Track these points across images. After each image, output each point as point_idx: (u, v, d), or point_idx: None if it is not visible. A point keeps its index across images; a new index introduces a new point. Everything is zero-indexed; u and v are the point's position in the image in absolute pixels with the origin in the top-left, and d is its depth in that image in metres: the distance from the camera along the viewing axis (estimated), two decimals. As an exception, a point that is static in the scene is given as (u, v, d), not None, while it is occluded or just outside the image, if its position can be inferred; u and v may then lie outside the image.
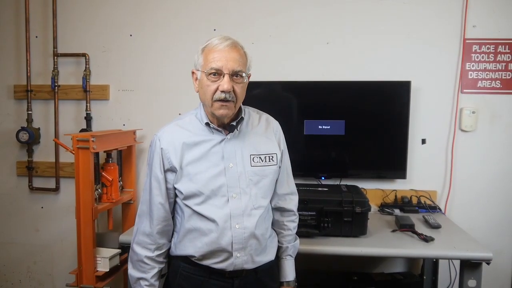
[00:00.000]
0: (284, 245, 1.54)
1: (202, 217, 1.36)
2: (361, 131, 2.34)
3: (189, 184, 1.36)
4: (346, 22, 2.38)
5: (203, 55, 1.35)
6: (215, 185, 1.36)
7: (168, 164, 1.38)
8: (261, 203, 1.41)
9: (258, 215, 1.39)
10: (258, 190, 1.41)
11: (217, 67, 1.31)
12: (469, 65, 2.35)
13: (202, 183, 1.35)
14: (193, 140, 1.38)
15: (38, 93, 2.58)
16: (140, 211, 1.45)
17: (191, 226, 1.38)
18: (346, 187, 2.07)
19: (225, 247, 1.35)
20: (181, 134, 1.39)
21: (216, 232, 1.35)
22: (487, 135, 2.36)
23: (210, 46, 1.35)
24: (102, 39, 2.54)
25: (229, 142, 1.40)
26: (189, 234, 1.39)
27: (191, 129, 1.41)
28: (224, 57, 1.32)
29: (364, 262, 2.46)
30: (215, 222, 1.35)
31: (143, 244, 1.42)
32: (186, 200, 1.38)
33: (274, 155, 1.45)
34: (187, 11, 2.47)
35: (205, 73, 1.33)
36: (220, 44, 1.34)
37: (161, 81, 2.52)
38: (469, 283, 1.74)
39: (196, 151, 1.37)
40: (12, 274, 2.75)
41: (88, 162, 1.94)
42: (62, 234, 2.65)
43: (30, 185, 2.64)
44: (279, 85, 2.37)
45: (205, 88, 1.34)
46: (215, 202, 1.36)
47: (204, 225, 1.36)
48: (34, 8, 2.55)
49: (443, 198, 2.39)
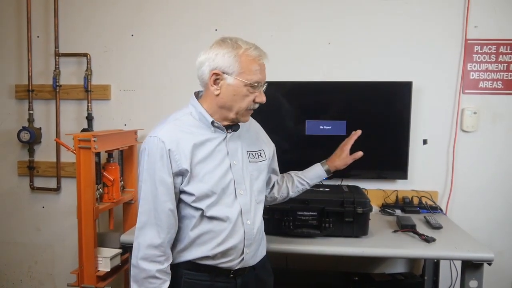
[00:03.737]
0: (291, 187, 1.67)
1: (212, 219, 1.34)
2: (363, 132, 2.33)
3: (201, 185, 1.33)
4: (348, 22, 2.38)
5: (241, 62, 1.31)
6: (225, 183, 1.36)
7: (177, 167, 1.31)
8: (261, 197, 1.48)
9: (261, 209, 1.46)
10: (258, 185, 1.46)
11: (259, 80, 1.34)
12: (470, 65, 2.34)
13: (213, 182, 1.34)
14: (200, 140, 1.35)
15: (40, 93, 2.59)
16: (141, 223, 1.33)
17: (200, 231, 1.35)
18: (348, 187, 2.06)
19: (238, 245, 1.37)
20: (186, 134, 1.34)
21: (229, 230, 1.35)
22: (489, 135, 2.35)
23: (251, 56, 1.32)
24: (103, 39, 2.55)
25: (231, 139, 1.41)
26: (198, 239, 1.35)
27: (193, 129, 1.36)
28: (263, 71, 1.36)
29: (365, 262, 2.45)
30: (228, 220, 1.35)
31: (152, 258, 1.31)
32: (197, 203, 1.33)
33: (262, 151, 1.51)
34: (189, 11, 2.47)
35: (244, 83, 1.31)
36: (261, 58, 1.35)
37: (162, 81, 2.52)
38: (471, 284, 1.73)
39: (204, 151, 1.35)
40: (13, 274, 2.75)
41: (90, 162, 1.94)
42: (63, 234, 2.65)
43: (31, 185, 2.64)
44: (280, 85, 2.37)
45: (241, 97, 1.33)
46: (225, 201, 1.36)
47: (215, 226, 1.35)
48: (35, 8, 2.55)
49: (444, 198, 2.39)
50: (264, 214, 1.84)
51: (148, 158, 1.32)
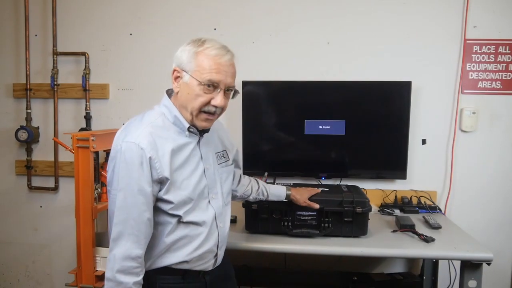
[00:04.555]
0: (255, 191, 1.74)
1: (188, 224, 1.32)
2: (362, 131, 2.34)
3: (179, 192, 1.28)
4: (347, 22, 2.38)
5: (197, 59, 1.25)
6: (200, 188, 1.34)
7: (156, 174, 1.24)
8: (229, 198, 1.51)
9: (229, 211, 1.50)
10: (227, 187, 1.47)
11: (215, 80, 1.26)
12: (469, 65, 2.34)
13: (190, 189, 1.31)
14: (177, 145, 1.29)
15: (37, 92, 2.57)
16: (116, 234, 1.25)
17: (176, 237, 1.32)
18: (347, 187, 2.06)
19: (213, 248, 1.39)
20: (163, 139, 1.27)
21: (205, 234, 1.35)
22: (487, 135, 2.36)
23: (208, 54, 1.25)
24: (102, 38, 2.54)
25: (203, 143, 1.39)
26: (173, 245, 1.32)
27: (169, 133, 1.30)
28: (223, 72, 1.26)
29: (364, 262, 2.45)
30: (204, 225, 1.35)
31: (129, 270, 1.24)
32: (174, 210, 1.28)
33: (225, 152, 1.51)
34: (187, 10, 2.47)
35: (198, 82, 1.25)
36: (221, 57, 1.26)
37: (161, 80, 2.50)
38: (470, 284, 1.74)
39: (181, 156, 1.30)
40: (11, 274, 2.74)
41: (88, 161, 1.93)
42: (61, 234, 2.64)
43: (29, 184, 2.63)
44: (279, 85, 2.37)
45: (193, 97, 1.27)
46: (200, 206, 1.35)
47: (191, 230, 1.33)
48: (33, 7, 2.54)
49: (443, 198, 2.39)
50: (264, 214, 1.85)
51: (126, 165, 1.22)
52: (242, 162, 2.33)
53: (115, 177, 1.25)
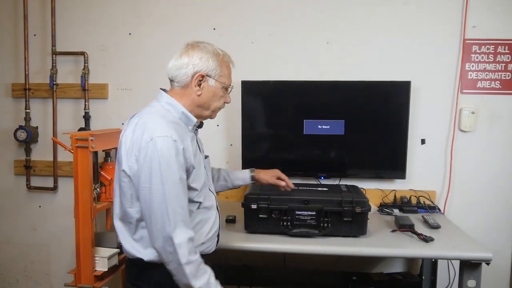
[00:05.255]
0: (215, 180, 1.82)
1: (202, 209, 1.46)
2: (361, 131, 2.34)
3: (199, 180, 1.43)
4: (346, 22, 2.38)
5: (222, 66, 1.45)
6: (205, 176, 1.50)
7: (186, 164, 1.36)
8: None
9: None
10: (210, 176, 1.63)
11: (231, 84, 1.52)
12: (468, 65, 2.35)
13: (203, 175, 1.47)
14: (190, 137, 1.42)
15: (36, 92, 2.57)
16: (172, 225, 1.30)
17: (196, 221, 1.44)
18: (346, 187, 2.06)
19: (218, 229, 1.54)
20: (183, 132, 1.39)
21: (214, 217, 1.51)
22: (487, 135, 2.36)
23: (227, 62, 1.48)
24: (101, 37, 2.53)
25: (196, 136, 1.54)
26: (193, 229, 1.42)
27: (180, 127, 1.41)
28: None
29: (363, 262, 2.46)
30: (212, 208, 1.50)
31: (193, 249, 1.34)
32: (198, 197, 1.42)
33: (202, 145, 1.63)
34: (187, 10, 2.46)
35: (223, 85, 1.46)
36: (233, 64, 1.51)
37: (160, 80, 2.48)
38: (469, 283, 1.74)
39: (193, 147, 1.43)
40: (9, 274, 2.73)
41: (87, 161, 1.93)
42: (60, 234, 2.64)
43: (28, 184, 2.62)
44: (278, 85, 2.37)
45: (217, 98, 1.48)
46: (207, 192, 1.50)
47: (204, 214, 1.47)
48: (32, 6, 2.53)
49: (442, 198, 2.39)
50: (263, 214, 1.85)
51: (165, 159, 1.30)
52: (241, 161, 2.39)
53: (154, 172, 1.30)
